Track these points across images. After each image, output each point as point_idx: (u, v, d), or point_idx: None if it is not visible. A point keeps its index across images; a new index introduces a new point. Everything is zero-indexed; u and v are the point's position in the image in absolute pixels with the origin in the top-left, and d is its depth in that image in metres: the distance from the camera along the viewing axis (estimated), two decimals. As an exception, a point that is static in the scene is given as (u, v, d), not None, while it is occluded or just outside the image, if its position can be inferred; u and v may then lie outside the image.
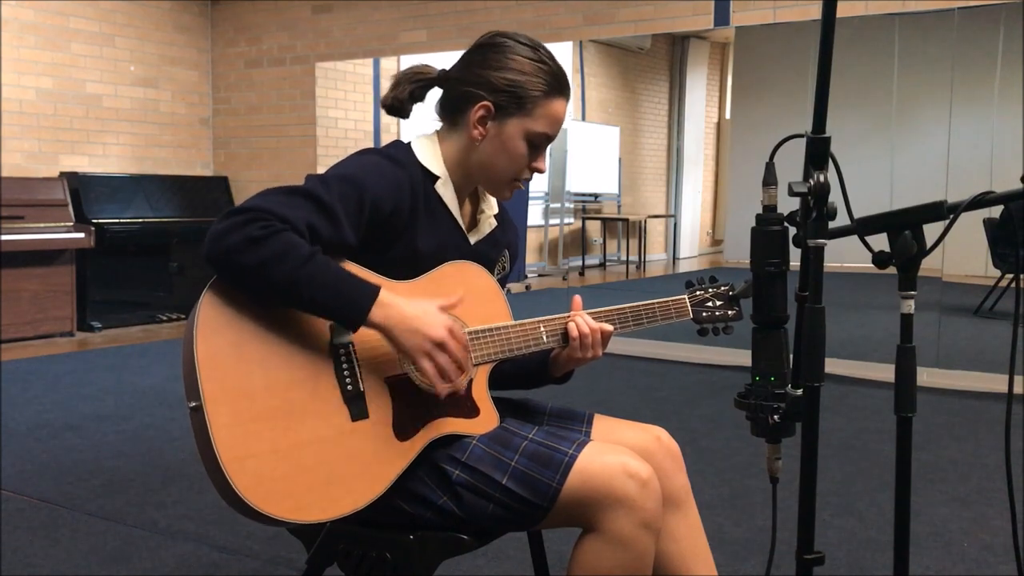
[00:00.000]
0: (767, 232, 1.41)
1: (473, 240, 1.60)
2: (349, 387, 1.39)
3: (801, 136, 1.24)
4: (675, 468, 1.63)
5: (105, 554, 2.45)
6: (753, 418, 1.41)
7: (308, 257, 1.31)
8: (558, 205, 9.90)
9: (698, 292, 1.70)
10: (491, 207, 1.66)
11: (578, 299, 1.63)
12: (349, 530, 1.45)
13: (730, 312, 1.70)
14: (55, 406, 4.06)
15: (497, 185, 1.58)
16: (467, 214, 1.63)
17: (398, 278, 1.47)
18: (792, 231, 1.34)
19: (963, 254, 7.08)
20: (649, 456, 1.56)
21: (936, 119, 7.55)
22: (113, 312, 6.37)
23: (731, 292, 1.70)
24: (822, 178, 1.20)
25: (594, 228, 10.77)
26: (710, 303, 1.69)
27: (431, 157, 1.55)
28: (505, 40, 1.53)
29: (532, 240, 9.77)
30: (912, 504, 1.30)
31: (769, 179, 1.41)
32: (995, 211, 6.39)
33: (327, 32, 6.84)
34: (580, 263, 10.45)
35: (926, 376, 4.66)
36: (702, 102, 12.22)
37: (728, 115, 12.36)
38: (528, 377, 1.70)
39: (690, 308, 1.68)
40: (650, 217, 11.10)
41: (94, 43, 6.62)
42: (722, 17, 5.30)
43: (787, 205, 1.34)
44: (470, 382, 1.51)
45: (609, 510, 1.40)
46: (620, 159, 10.79)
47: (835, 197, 1.22)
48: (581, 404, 1.85)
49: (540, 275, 9.77)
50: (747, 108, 9.74)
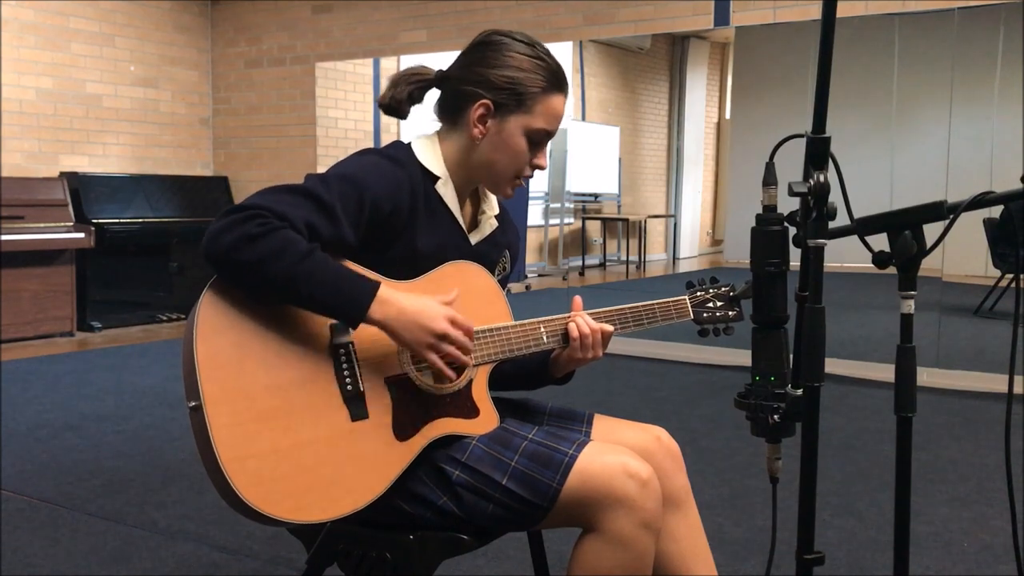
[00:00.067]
0: (767, 232, 1.41)
1: (474, 240, 1.60)
2: (349, 387, 1.39)
3: (801, 136, 1.24)
4: (675, 468, 1.63)
5: (105, 554, 2.45)
6: (753, 418, 1.41)
7: (306, 253, 1.31)
8: (558, 205, 9.90)
9: (699, 293, 1.70)
10: (492, 207, 1.66)
11: (578, 299, 1.63)
12: (349, 530, 1.45)
13: (731, 313, 1.70)
14: (55, 406, 4.06)
15: (499, 183, 1.58)
16: (468, 214, 1.63)
17: (398, 278, 1.47)
18: (792, 231, 1.34)
19: (963, 254, 7.08)
20: (649, 456, 1.56)
21: (936, 119, 7.54)
22: (113, 312, 6.38)
23: (732, 293, 1.70)
24: (822, 178, 1.20)
25: (594, 228, 10.77)
26: (711, 304, 1.69)
27: (431, 157, 1.55)
28: (502, 38, 1.53)
29: (532, 240, 9.77)
30: (912, 504, 1.30)
31: (769, 179, 1.41)
32: (995, 211, 6.39)
33: (327, 32, 6.84)
34: (580, 263, 10.45)
35: (926, 376, 4.66)
36: (702, 102, 12.22)
37: (728, 115, 12.36)
38: (528, 378, 1.70)
39: (691, 309, 1.68)
40: (650, 217, 11.10)
41: (94, 43, 6.62)
42: (722, 17, 5.30)
43: (787, 205, 1.34)
44: (470, 382, 1.51)
45: (609, 510, 1.40)
46: (620, 159, 10.79)
47: (835, 197, 1.22)
48: (581, 404, 1.85)
49: (540, 275, 9.77)
50: (747, 108, 9.74)
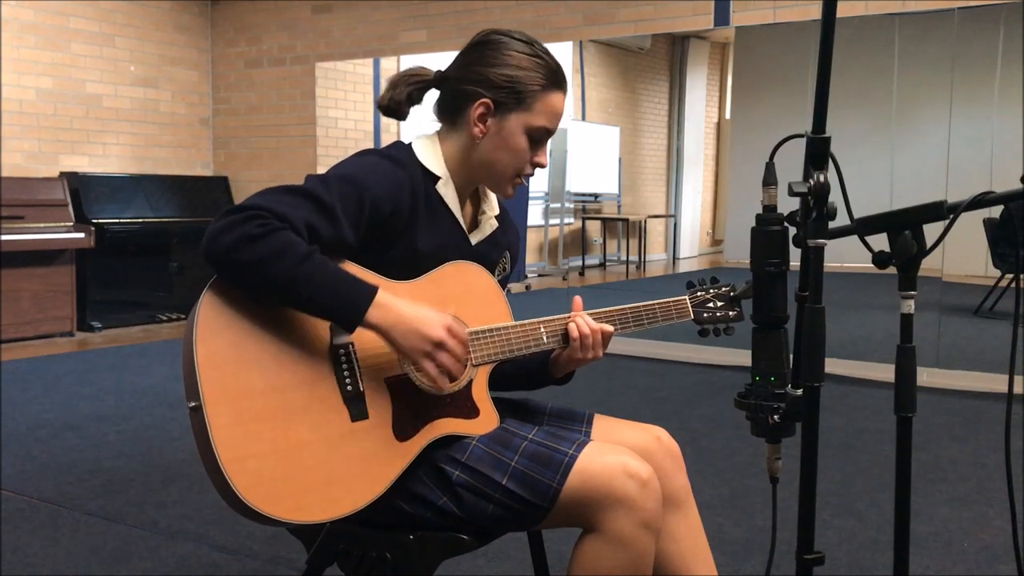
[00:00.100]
0: (767, 232, 1.41)
1: (474, 241, 1.60)
2: (349, 388, 1.39)
3: (801, 136, 1.24)
4: (675, 468, 1.63)
5: (105, 554, 2.45)
6: (753, 418, 1.41)
7: (306, 256, 1.31)
8: (558, 205, 9.89)
9: (699, 293, 1.70)
10: (492, 208, 1.66)
11: (578, 300, 1.63)
12: (349, 530, 1.45)
13: (731, 313, 1.70)
14: (55, 406, 4.06)
15: (500, 182, 1.58)
16: (468, 215, 1.63)
17: (398, 278, 1.47)
18: (792, 231, 1.34)
19: (963, 254, 7.08)
20: (649, 456, 1.56)
21: (936, 119, 7.54)
22: (113, 312, 6.37)
23: (732, 293, 1.70)
24: (822, 178, 1.20)
25: (594, 228, 10.77)
26: (711, 304, 1.69)
27: (432, 157, 1.55)
28: (501, 37, 1.54)
29: (532, 240, 9.77)
30: (912, 504, 1.30)
31: (769, 179, 1.41)
32: (995, 211, 6.39)
33: (327, 32, 6.84)
34: (580, 263, 10.45)
35: (926, 376, 4.65)
36: (702, 102, 12.22)
37: (728, 115, 12.36)
38: (529, 378, 1.70)
39: (691, 309, 1.68)
40: (650, 217, 11.10)
41: (94, 43, 6.62)
42: (722, 17, 5.30)
43: (787, 205, 1.34)
44: (470, 382, 1.51)
45: (609, 510, 1.40)
46: (620, 159, 10.79)
47: (835, 197, 1.22)
48: (581, 404, 1.85)
49: (540, 275, 9.77)
50: (747, 108, 9.74)
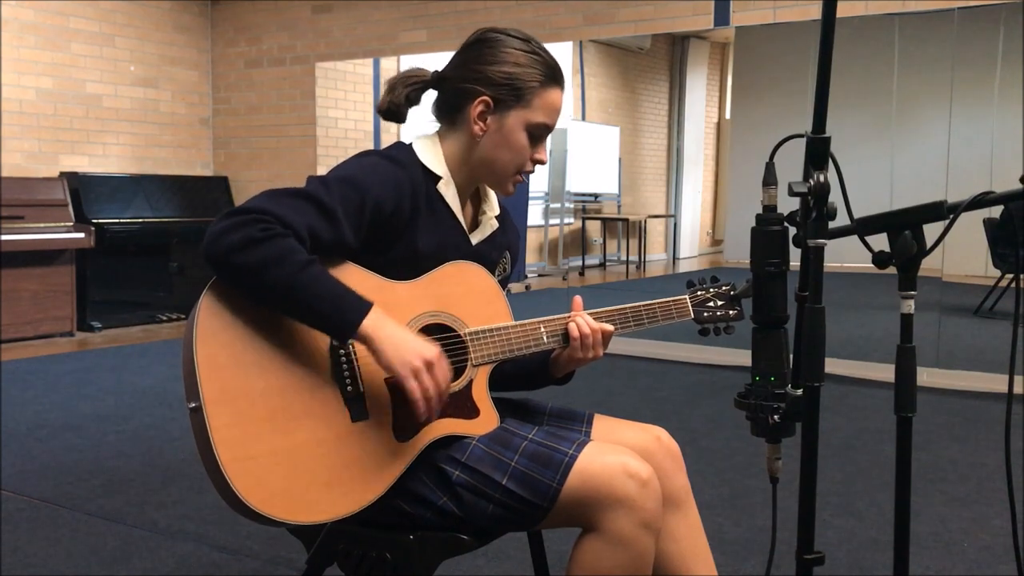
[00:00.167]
0: (767, 232, 1.41)
1: (474, 241, 1.60)
2: (349, 388, 1.39)
3: (801, 136, 1.24)
4: (675, 468, 1.63)
5: (105, 554, 2.45)
6: (753, 418, 1.41)
7: (305, 265, 1.31)
8: (558, 205, 9.89)
9: (699, 292, 1.70)
10: (492, 208, 1.66)
11: (579, 299, 1.63)
12: (349, 530, 1.45)
13: (731, 312, 1.69)
14: (55, 406, 4.06)
15: (501, 179, 1.58)
16: (468, 215, 1.63)
17: (398, 278, 1.47)
18: (792, 231, 1.34)
19: (963, 254, 7.08)
20: (649, 456, 1.56)
21: (936, 119, 7.55)
22: (113, 312, 6.37)
23: (732, 292, 1.70)
24: (822, 178, 1.20)
25: (594, 228, 10.77)
26: (711, 303, 1.69)
27: (432, 157, 1.55)
28: (497, 35, 1.54)
29: (532, 240, 9.77)
30: (912, 504, 1.29)
31: (769, 179, 1.41)
32: (995, 211, 6.39)
33: (327, 32, 6.84)
34: (580, 263, 10.45)
35: (926, 376, 4.66)
36: (702, 102, 12.22)
37: (728, 115, 12.36)
38: (529, 378, 1.69)
39: (691, 308, 1.68)
40: (650, 217, 11.10)
41: (94, 43, 6.62)
42: (722, 17, 5.30)
43: (787, 205, 1.34)
44: (470, 382, 1.51)
45: (609, 510, 1.40)
46: (620, 159, 10.79)
47: (835, 197, 1.22)
48: (581, 404, 1.85)
49: (540, 275, 9.77)
50: (747, 108, 9.74)
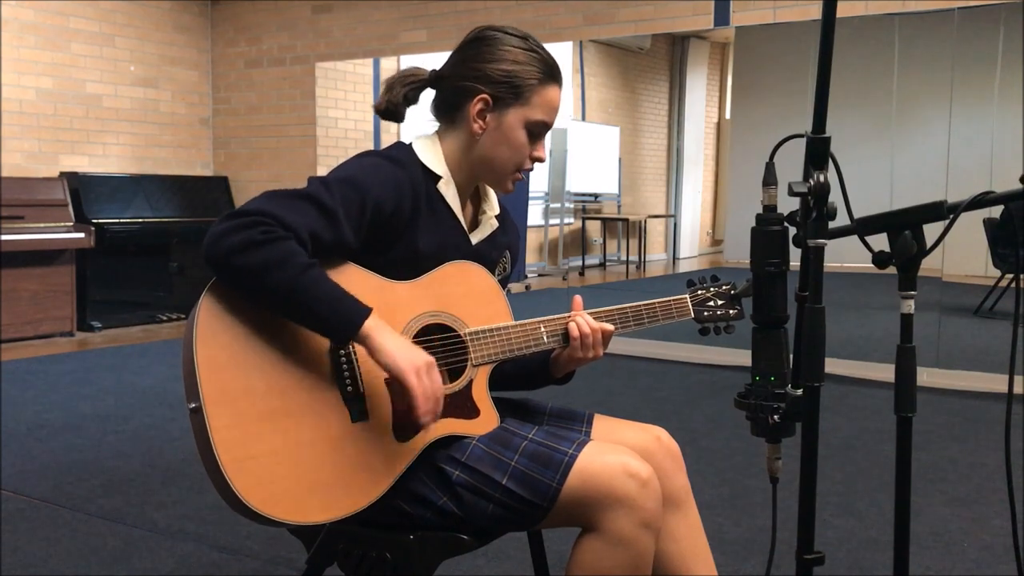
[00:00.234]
0: (767, 232, 1.41)
1: (474, 240, 1.60)
2: (349, 388, 1.39)
3: (801, 136, 1.24)
4: (675, 468, 1.63)
5: (105, 554, 2.45)
6: (753, 418, 1.41)
7: (306, 268, 1.31)
8: (558, 205, 9.89)
9: (699, 291, 1.70)
10: (492, 207, 1.66)
11: (579, 299, 1.63)
12: (349, 530, 1.45)
13: (732, 311, 1.69)
14: (55, 406, 4.06)
15: (500, 178, 1.58)
16: (468, 214, 1.63)
17: (399, 278, 1.47)
18: (792, 231, 1.34)
19: (963, 254, 7.09)
20: (649, 456, 1.56)
21: (936, 119, 7.55)
22: (113, 312, 6.37)
23: (732, 291, 1.70)
24: (822, 178, 1.20)
25: (594, 228, 10.77)
26: (712, 302, 1.69)
27: (432, 157, 1.55)
28: (495, 33, 1.54)
29: (532, 240, 9.77)
30: (912, 504, 1.29)
31: (769, 179, 1.41)
32: (995, 211, 6.39)
33: (327, 32, 6.84)
34: (580, 263, 10.45)
35: (926, 376, 4.66)
36: (702, 102, 12.23)
37: (728, 115, 12.37)
38: (529, 377, 1.69)
39: (691, 307, 1.68)
40: (650, 217, 11.10)
41: (94, 43, 6.62)
42: (722, 17, 5.30)
43: (787, 205, 1.34)
44: (470, 382, 1.51)
45: (609, 510, 1.40)
46: (620, 159, 10.79)
47: (835, 197, 1.22)
48: (581, 404, 1.85)
49: (540, 275, 9.77)
50: (747, 108, 9.74)
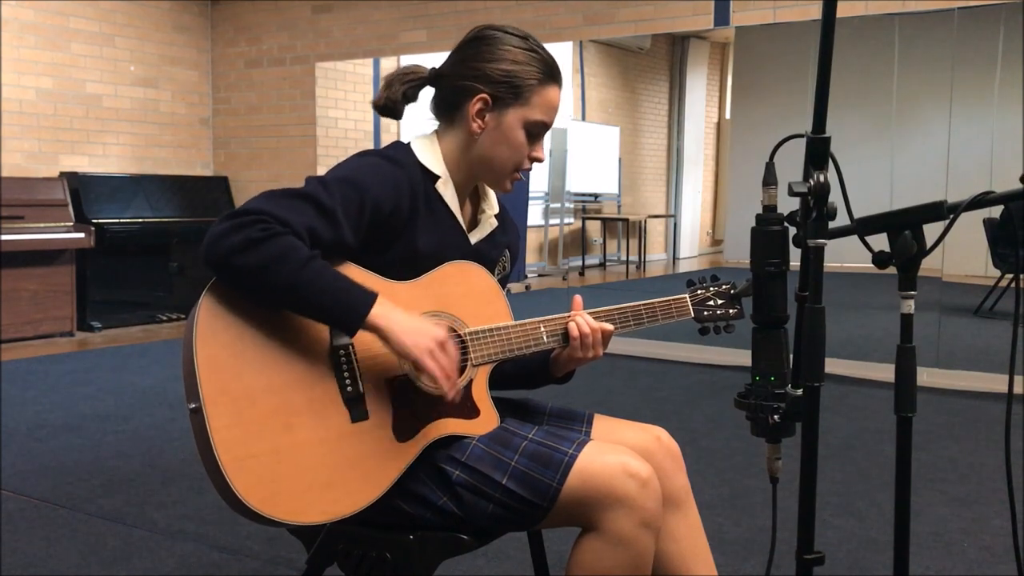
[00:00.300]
0: (767, 232, 1.41)
1: (474, 240, 1.60)
2: (349, 388, 1.39)
3: (801, 136, 1.24)
4: (675, 468, 1.63)
5: (105, 554, 2.45)
6: (753, 418, 1.41)
7: (307, 261, 1.31)
8: (558, 205, 9.89)
9: (699, 291, 1.70)
10: (492, 207, 1.66)
11: (578, 299, 1.63)
12: (349, 530, 1.45)
13: (732, 311, 1.69)
14: (55, 406, 4.06)
15: (499, 177, 1.58)
16: (467, 214, 1.63)
17: (398, 278, 1.47)
18: (792, 231, 1.34)
19: (963, 254, 7.09)
20: (649, 456, 1.56)
21: (936, 119, 7.56)
22: (113, 312, 6.37)
23: (733, 291, 1.70)
24: (822, 178, 1.20)
25: (594, 228, 10.77)
26: (712, 302, 1.69)
27: (431, 156, 1.55)
28: (496, 32, 1.54)
29: (532, 240, 9.77)
30: (912, 504, 1.29)
31: (769, 179, 1.41)
32: (995, 211, 6.39)
33: (327, 32, 6.83)
34: (580, 263, 10.45)
35: (926, 376, 4.65)
36: (702, 102, 12.22)
37: (728, 115, 12.36)
38: (529, 377, 1.69)
39: (691, 307, 1.68)
40: (650, 217, 11.10)
41: (94, 43, 6.62)
42: (722, 17, 5.30)
43: (787, 205, 1.34)
44: (470, 382, 1.51)
45: (609, 510, 1.40)
46: (620, 159, 10.79)
47: (835, 197, 1.22)
48: (581, 404, 1.85)
49: (540, 275, 9.77)
50: (747, 108, 9.74)
